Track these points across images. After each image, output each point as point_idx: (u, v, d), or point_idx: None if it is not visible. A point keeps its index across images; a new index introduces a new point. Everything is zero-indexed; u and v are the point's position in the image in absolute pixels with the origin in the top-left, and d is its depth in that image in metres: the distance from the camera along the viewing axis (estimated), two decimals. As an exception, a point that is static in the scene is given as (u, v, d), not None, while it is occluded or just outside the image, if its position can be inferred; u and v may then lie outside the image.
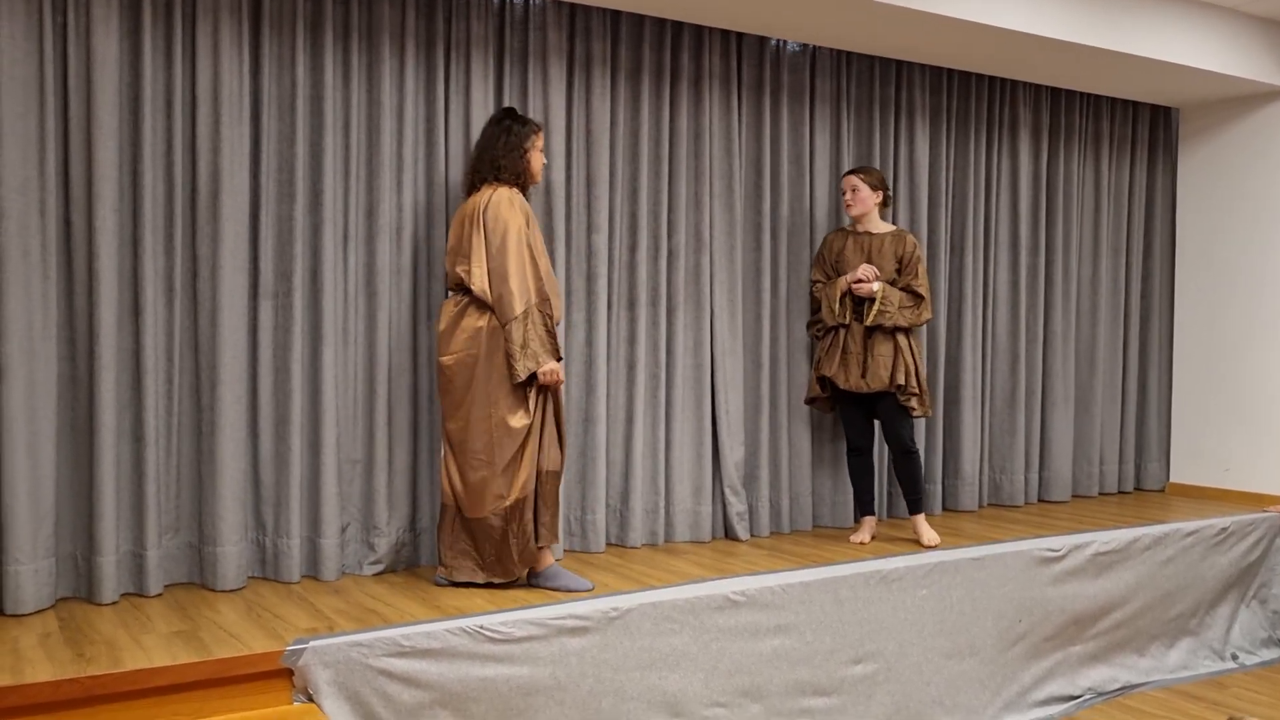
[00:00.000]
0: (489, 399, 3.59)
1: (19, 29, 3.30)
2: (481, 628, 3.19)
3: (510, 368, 3.57)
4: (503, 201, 3.63)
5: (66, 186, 3.45)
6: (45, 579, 3.36)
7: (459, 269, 3.65)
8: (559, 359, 3.64)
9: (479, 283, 3.60)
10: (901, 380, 4.46)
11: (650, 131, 4.43)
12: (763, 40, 4.70)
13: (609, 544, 4.41)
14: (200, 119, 3.60)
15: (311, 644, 2.98)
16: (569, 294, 4.27)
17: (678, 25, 4.50)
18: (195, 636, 3.08)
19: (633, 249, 4.41)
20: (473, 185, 3.77)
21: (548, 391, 3.68)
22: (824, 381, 4.62)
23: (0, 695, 2.63)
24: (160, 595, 3.56)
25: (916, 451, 4.55)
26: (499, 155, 3.71)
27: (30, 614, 3.31)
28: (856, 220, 4.65)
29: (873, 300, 4.49)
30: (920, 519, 4.55)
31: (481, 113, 4.06)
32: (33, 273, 3.33)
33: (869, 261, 4.57)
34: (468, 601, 3.48)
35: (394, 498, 3.94)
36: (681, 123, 4.51)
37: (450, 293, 3.75)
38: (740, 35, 4.65)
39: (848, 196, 4.61)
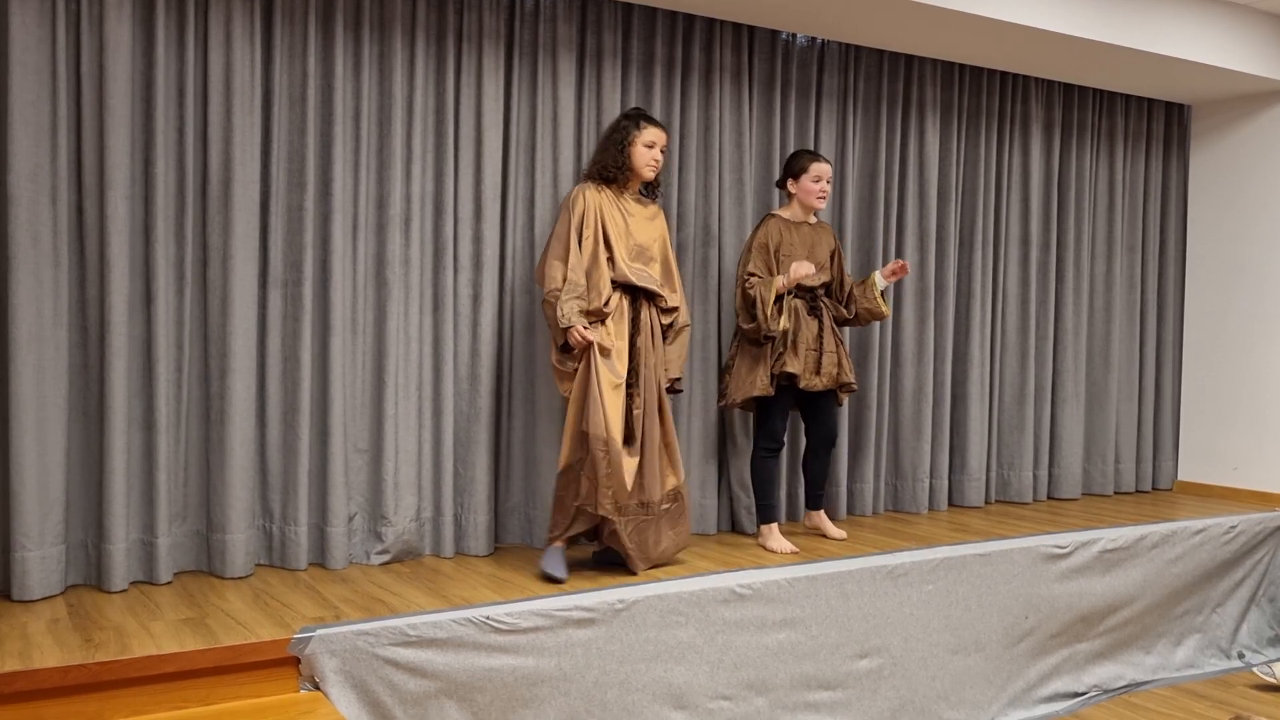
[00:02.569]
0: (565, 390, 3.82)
1: (31, 15, 3.31)
2: (488, 618, 3.20)
3: (554, 336, 3.77)
4: (569, 198, 3.86)
5: (78, 174, 3.46)
6: (53, 566, 3.38)
7: None
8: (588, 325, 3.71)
9: (536, 273, 3.89)
10: (848, 376, 4.37)
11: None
12: (774, 34, 4.69)
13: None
14: (212, 108, 3.61)
15: (318, 632, 2.99)
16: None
17: (689, 18, 4.49)
18: (203, 624, 3.09)
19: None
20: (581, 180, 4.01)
21: (588, 357, 3.71)
22: (779, 378, 4.26)
23: (9, 680, 2.65)
24: (169, 583, 3.57)
25: None
26: (599, 149, 3.95)
27: (38, 600, 3.33)
28: (812, 212, 4.41)
29: (880, 293, 4.44)
30: (824, 514, 4.55)
31: (492, 105, 4.06)
32: (43, 260, 3.34)
33: (811, 255, 4.35)
34: (474, 592, 3.49)
35: (401, 488, 3.95)
36: (692, 116, 4.50)
37: None
38: (752, 29, 4.64)
39: (826, 186, 4.32)
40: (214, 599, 3.38)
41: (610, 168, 3.89)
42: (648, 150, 3.90)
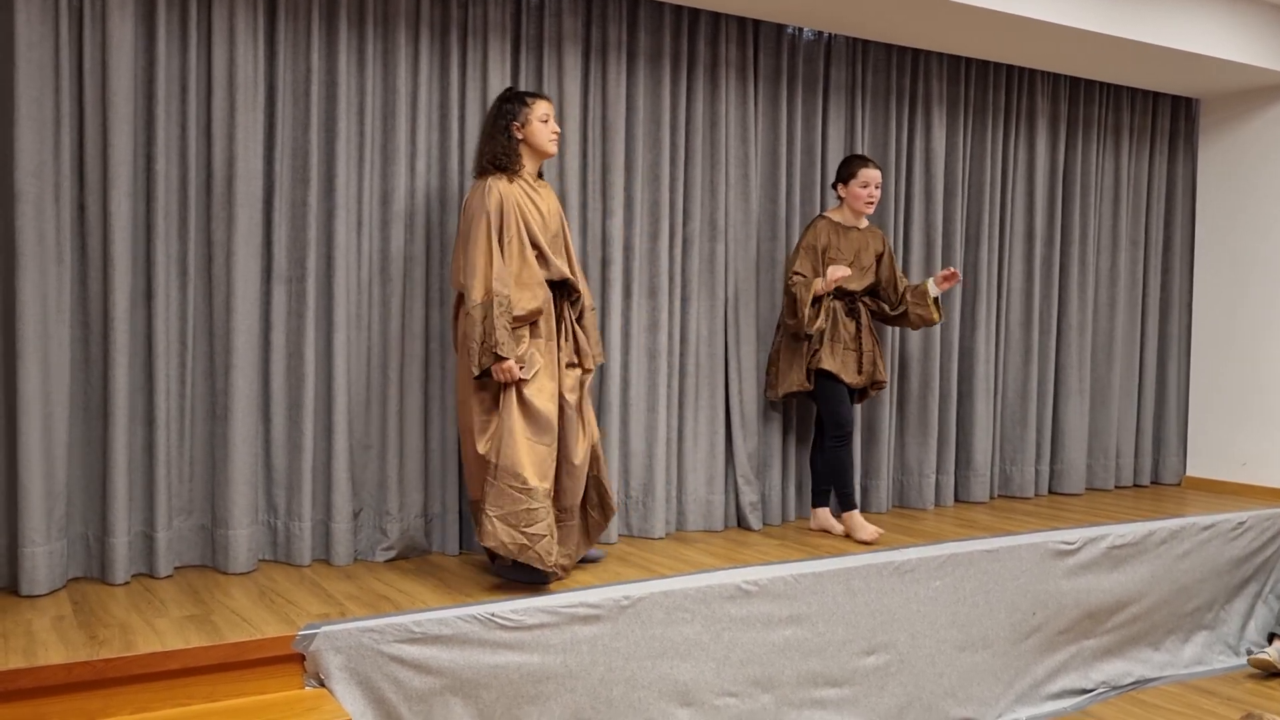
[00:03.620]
0: (463, 396, 3.57)
1: (35, 12, 3.31)
2: (493, 615, 3.19)
3: (468, 359, 3.46)
4: (475, 194, 3.55)
5: (81, 171, 3.46)
6: (58, 560, 3.38)
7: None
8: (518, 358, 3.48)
9: (452, 277, 3.61)
10: (881, 374, 4.54)
11: (666, 119, 4.41)
12: (780, 28, 4.67)
13: (626, 534, 4.40)
14: (215, 103, 3.60)
15: (323, 629, 2.98)
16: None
17: (694, 12, 4.47)
18: (207, 620, 3.09)
19: (650, 236, 4.39)
20: (475, 176, 3.68)
21: (501, 398, 3.48)
22: (815, 374, 4.42)
23: (14, 677, 2.64)
24: (171, 577, 3.57)
25: None
26: (484, 139, 3.64)
27: (44, 595, 3.33)
28: (861, 216, 4.53)
29: (934, 301, 4.55)
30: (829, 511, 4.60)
31: (497, 99, 4.05)
32: (47, 256, 3.34)
33: (857, 258, 4.49)
34: (479, 589, 3.48)
35: (406, 484, 3.94)
36: (698, 111, 4.49)
37: None
38: (757, 23, 4.62)
39: (874, 192, 4.43)
40: (219, 595, 3.38)
41: (502, 155, 3.59)
42: (544, 125, 3.64)
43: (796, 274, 4.38)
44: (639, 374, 4.38)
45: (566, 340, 3.68)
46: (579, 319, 3.76)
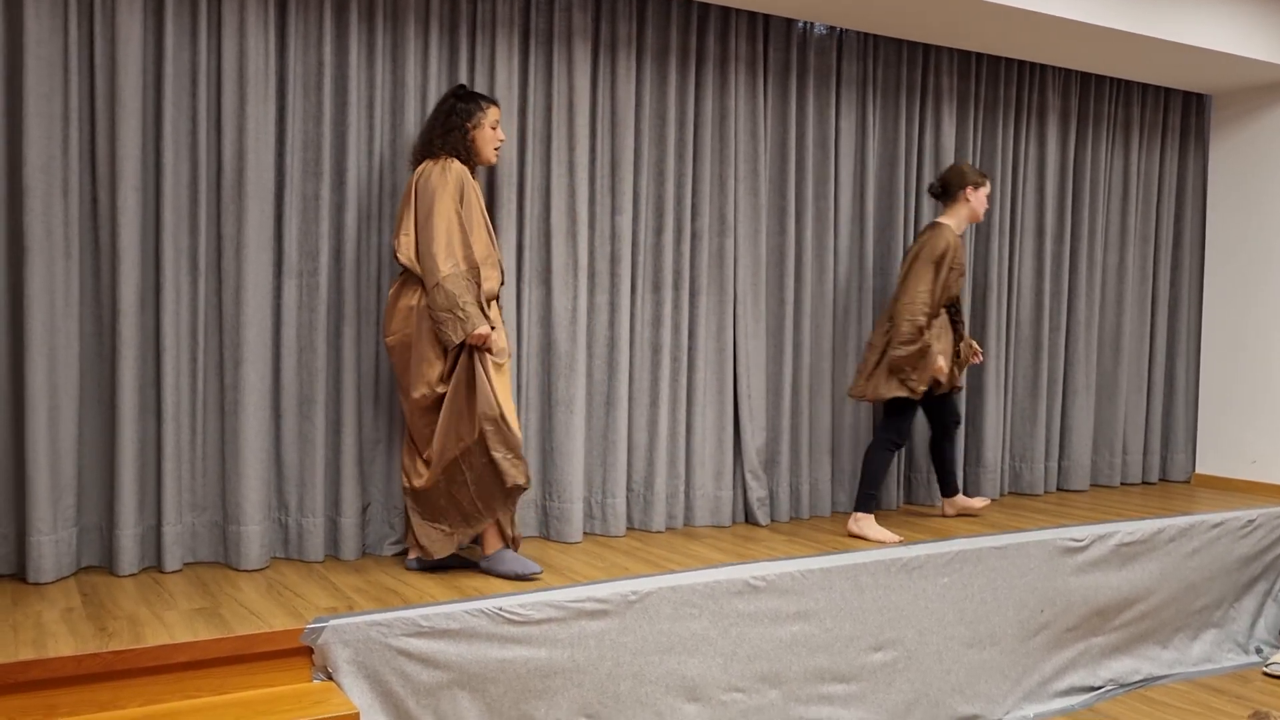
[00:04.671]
0: (422, 377, 3.53)
1: (44, 8, 3.31)
2: (501, 609, 3.19)
3: (439, 332, 3.46)
4: (434, 171, 3.53)
5: (91, 165, 3.46)
6: (66, 549, 3.40)
7: (392, 242, 3.59)
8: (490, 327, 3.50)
9: (405, 252, 3.54)
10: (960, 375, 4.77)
11: (676, 114, 4.40)
12: (790, 23, 4.66)
13: (632, 528, 4.41)
14: (225, 97, 3.60)
15: (331, 623, 2.99)
16: (592, 275, 4.25)
17: (704, 7, 4.46)
18: (216, 614, 3.09)
19: (658, 231, 4.39)
20: (415, 161, 3.68)
21: (474, 358, 3.49)
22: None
23: (24, 669, 2.65)
24: (180, 572, 3.58)
25: None
26: (435, 135, 3.62)
27: (51, 583, 3.35)
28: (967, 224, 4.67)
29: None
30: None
31: (506, 94, 4.04)
32: (55, 250, 3.35)
33: (963, 265, 4.67)
34: (487, 583, 3.49)
35: (415, 478, 3.94)
36: (707, 106, 4.48)
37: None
38: (767, 17, 4.61)
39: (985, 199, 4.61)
40: (227, 589, 3.38)
41: (460, 149, 3.61)
42: (493, 133, 3.67)
43: (927, 313, 4.37)
44: (642, 368, 4.38)
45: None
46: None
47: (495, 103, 3.70)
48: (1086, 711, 4.27)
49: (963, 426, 5.23)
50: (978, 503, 4.82)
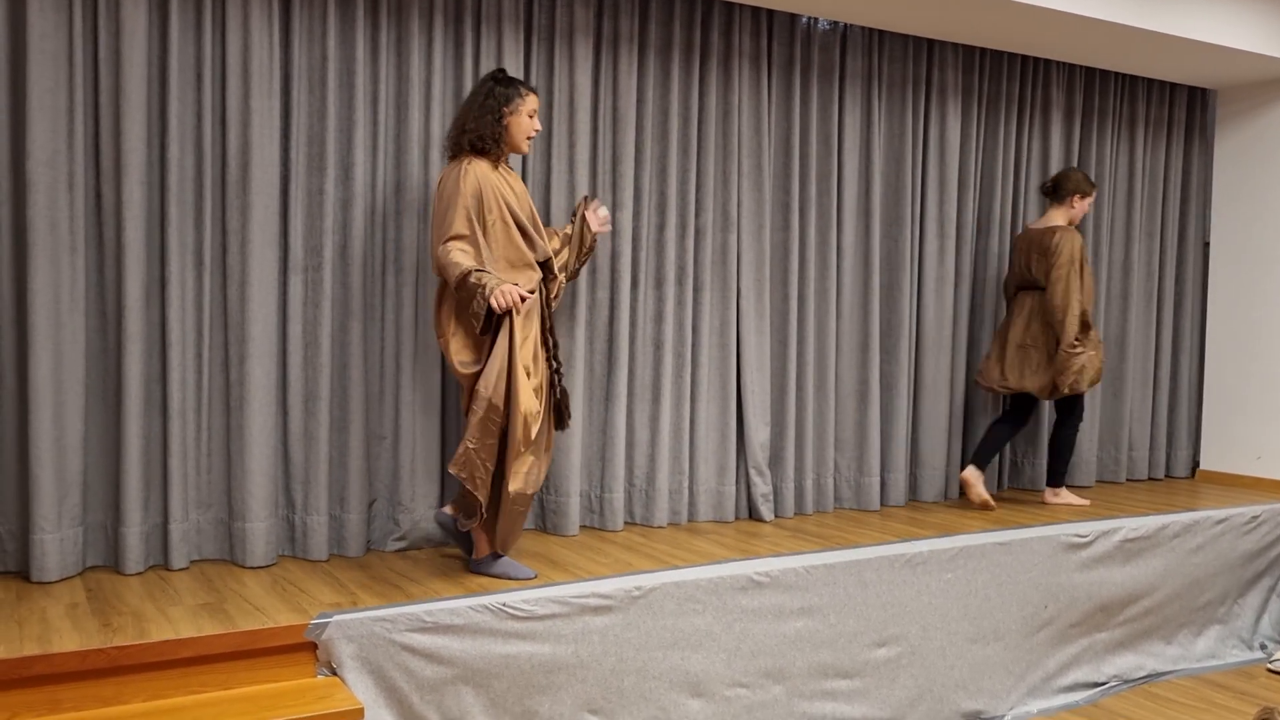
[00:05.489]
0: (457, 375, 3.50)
1: (49, 1, 3.31)
2: (504, 605, 3.19)
3: (474, 326, 3.35)
4: (449, 177, 3.46)
5: (95, 160, 3.46)
6: (71, 548, 3.39)
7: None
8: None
9: (432, 265, 3.50)
10: None
11: (679, 110, 4.40)
12: (794, 18, 4.65)
13: (634, 523, 4.41)
14: (230, 91, 3.60)
15: (335, 618, 2.99)
16: (592, 271, 4.25)
17: (708, 2, 4.46)
18: (221, 609, 3.10)
19: (661, 227, 4.39)
20: (447, 148, 3.62)
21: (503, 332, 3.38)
22: None
23: (28, 664, 2.66)
24: (186, 569, 3.58)
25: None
26: (470, 118, 3.50)
27: (56, 581, 3.35)
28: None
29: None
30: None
31: (509, 89, 4.04)
32: (61, 245, 3.35)
33: None
34: (491, 579, 3.49)
35: (419, 474, 3.94)
36: (710, 101, 4.47)
37: None
38: (771, 12, 4.60)
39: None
40: (232, 584, 3.39)
41: (488, 139, 3.49)
42: (530, 121, 3.55)
43: (1081, 338, 4.82)
44: (644, 364, 4.38)
45: (544, 327, 3.62)
46: (552, 298, 3.72)
47: (535, 90, 3.62)
48: (1090, 707, 4.27)
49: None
50: (1078, 499, 5.08)
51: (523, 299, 3.34)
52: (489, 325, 3.36)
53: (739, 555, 3.84)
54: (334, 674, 3.00)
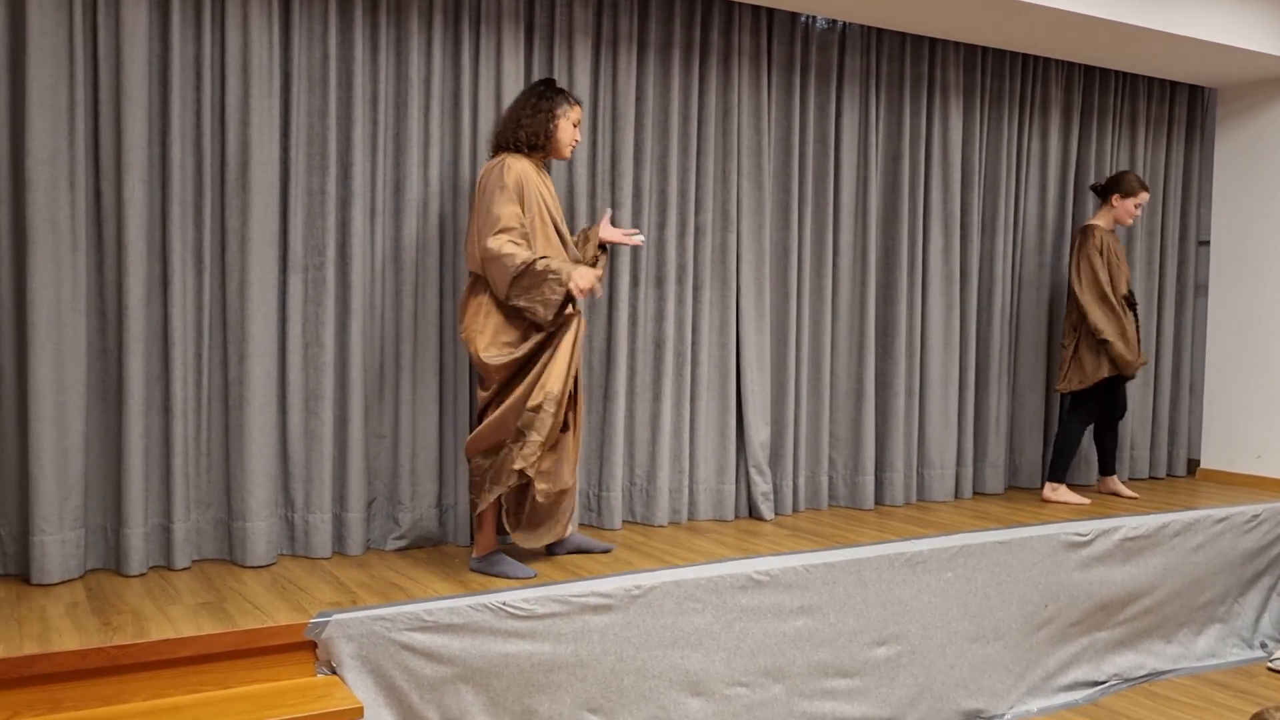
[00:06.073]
0: (485, 373, 3.52)
1: None
2: (504, 604, 3.19)
3: (534, 315, 3.38)
4: (492, 173, 3.50)
5: (95, 158, 3.46)
6: (72, 550, 3.39)
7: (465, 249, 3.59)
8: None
9: (471, 261, 3.52)
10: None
11: (678, 109, 4.39)
12: (794, 16, 4.65)
13: (634, 522, 4.41)
14: (230, 90, 3.60)
15: (335, 617, 2.99)
16: (594, 270, 4.25)
17: (707, 1, 4.45)
18: (220, 608, 3.10)
19: (661, 226, 4.39)
20: (491, 150, 3.69)
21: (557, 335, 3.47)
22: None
23: (28, 663, 2.66)
24: (188, 569, 3.58)
25: None
26: (524, 115, 3.59)
27: (57, 584, 3.34)
28: (1117, 226, 5.23)
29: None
30: (1115, 478, 5.36)
31: (511, 87, 4.04)
32: (61, 244, 3.34)
33: (1121, 260, 5.12)
34: (491, 578, 3.49)
35: (419, 473, 3.94)
36: (710, 100, 4.47)
37: None
38: (771, 11, 4.60)
39: (1138, 212, 5.13)
40: (232, 584, 3.39)
41: (539, 137, 3.59)
42: (573, 130, 3.67)
43: (1112, 316, 5.00)
44: (644, 363, 4.38)
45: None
46: None
47: (580, 104, 3.76)
48: (1091, 706, 4.27)
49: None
50: (1128, 491, 5.26)
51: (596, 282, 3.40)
52: (561, 313, 3.40)
53: (739, 554, 3.84)
54: (334, 673, 3.00)
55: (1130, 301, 5.13)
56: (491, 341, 3.47)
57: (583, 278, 3.37)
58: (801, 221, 4.73)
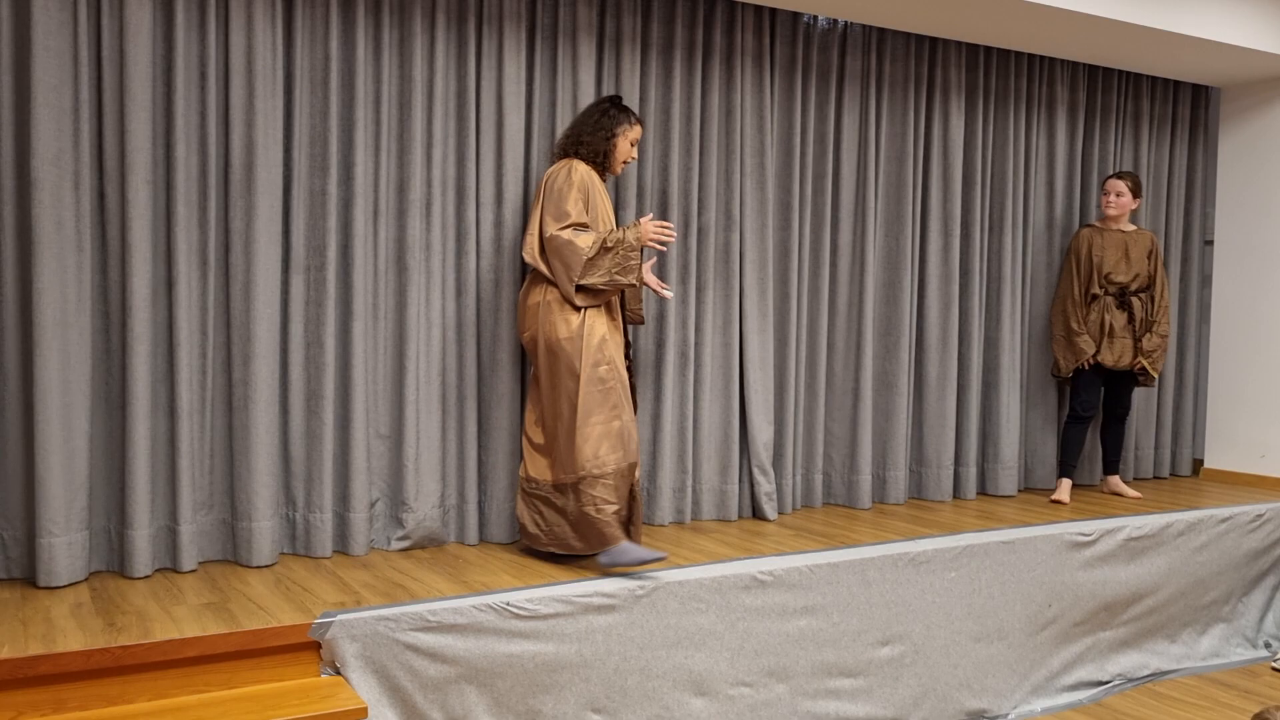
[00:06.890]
0: (552, 374, 3.66)
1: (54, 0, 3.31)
2: (508, 604, 3.19)
3: (616, 286, 3.65)
4: (560, 172, 3.72)
5: (100, 159, 3.46)
6: (78, 552, 3.39)
7: (522, 240, 3.81)
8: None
9: (529, 250, 3.72)
10: (1143, 364, 5.22)
11: (681, 108, 4.40)
12: (796, 17, 4.65)
13: (636, 522, 4.41)
14: (234, 91, 3.60)
15: (339, 617, 2.99)
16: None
17: (710, 2, 4.45)
18: (225, 609, 3.10)
19: (663, 226, 4.39)
20: (553, 158, 3.90)
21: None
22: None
23: (33, 664, 2.66)
24: (193, 570, 3.58)
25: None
26: (585, 131, 3.81)
27: (63, 586, 3.34)
28: (1111, 221, 5.24)
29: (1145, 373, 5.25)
30: (1119, 478, 5.39)
31: (514, 88, 4.04)
32: (66, 245, 3.35)
33: (1125, 255, 5.19)
34: (495, 578, 3.49)
35: (422, 474, 3.95)
36: (713, 100, 4.47)
37: None
38: (774, 11, 4.60)
39: (1112, 199, 5.17)
40: (236, 584, 3.39)
41: (599, 152, 3.82)
42: (629, 149, 3.88)
43: (1065, 314, 5.23)
44: (647, 363, 4.38)
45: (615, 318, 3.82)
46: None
47: (642, 123, 3.92)
48: (1095, 706, 4.27)
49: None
50: (1131, 492, 5.27)
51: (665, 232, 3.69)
52: (639, 272, 3.67)
53: (742, 554, 3.84)
54: (338, 673, 3.00)
55: (1125, 292, 5.19)
56: (561, 319, 3.64)
57: (646, 231, 3.65)
58: (803, 221, 4.73)
